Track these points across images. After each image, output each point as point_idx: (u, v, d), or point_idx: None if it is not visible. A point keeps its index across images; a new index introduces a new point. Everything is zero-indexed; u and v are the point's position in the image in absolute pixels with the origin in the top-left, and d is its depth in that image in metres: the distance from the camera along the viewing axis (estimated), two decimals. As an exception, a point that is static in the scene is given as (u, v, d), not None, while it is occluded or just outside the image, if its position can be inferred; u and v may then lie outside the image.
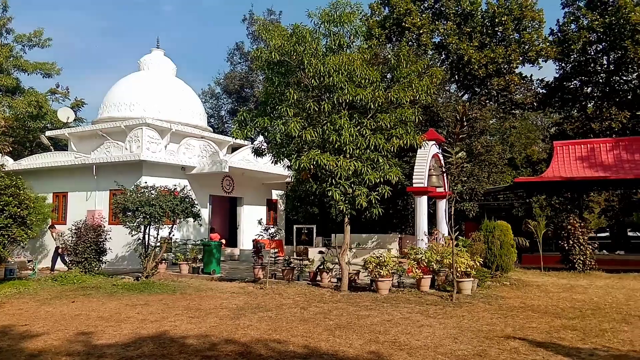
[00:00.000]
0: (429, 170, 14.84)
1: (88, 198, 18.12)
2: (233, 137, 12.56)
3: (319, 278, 12.71)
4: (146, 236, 13.86)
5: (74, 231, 14.76)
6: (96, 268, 14.63)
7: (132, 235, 13.70)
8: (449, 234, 11.60)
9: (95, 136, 19.11)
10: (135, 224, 13.38)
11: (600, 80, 25.68)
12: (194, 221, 15.39)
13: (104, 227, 15.32)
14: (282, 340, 6.99)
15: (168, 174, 17.52)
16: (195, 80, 67.70)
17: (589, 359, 6.22)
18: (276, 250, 15.72)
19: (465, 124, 11.65)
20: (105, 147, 17.62)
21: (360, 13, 12.19)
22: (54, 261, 16.35)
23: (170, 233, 14.31)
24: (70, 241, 14.79)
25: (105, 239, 14.93)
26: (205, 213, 18.82)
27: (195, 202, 14.57)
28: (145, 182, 14.55)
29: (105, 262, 15.33)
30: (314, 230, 17.42)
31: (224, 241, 17.92)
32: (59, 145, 25.80)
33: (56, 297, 11.03)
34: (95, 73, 71.09)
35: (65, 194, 18.92)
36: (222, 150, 20.19)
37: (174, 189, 14.36)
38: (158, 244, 14.06)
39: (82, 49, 71.15)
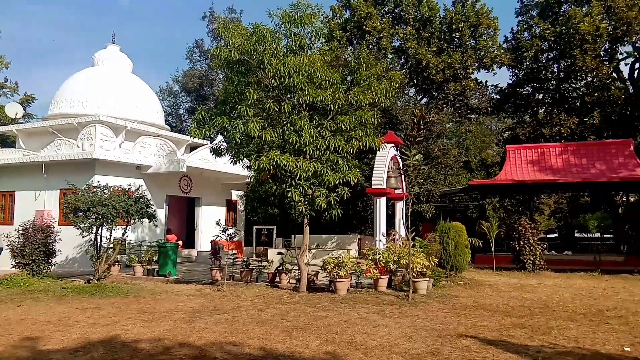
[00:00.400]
0: (388, 172, 15.02)
1: (37, 197, 17.40)
2: (191, 136, 12.32)
3: (277, 279, 12.66)
4: (98, 237, 13.44)
5: (20, 232, 14.12)
6: (45, 270, 14.08)
7: (83, 237, 13.26)
8: (406, 234, 11.79)
9: (45, 133, 18.34)
10: (86, 225, 12.95)
11: (551, 87, 26.79)
12: (149, 222, 15.03)
13: (54, 227, 14.77)
14: (238, 343, 6.92)
15: (122, 173, 17.02)
16: (152, 78, 66.12)
17: (536, 356, 6.45)
18: (235, 251, 15.52)
19: (422, 127, 11.92)
20: (56, 145, 16.96)
21: (322, 15, 12.28)
22: None
23: (124, 234, 13.95)
24: (16, 242, 14.14)
25: (55, 240, 14.40)
26: (161, 214, 18.41)
27: (151, 203, 14.24)
28: (98, 182, 14.12)
29: (54, 265, 14.77)
30: (274, 232, 17.31)
31: (180, 242, 17.57)
32: (7, 142, 24.65)
33: (0, 301, 10.53)
34: (46, 68, 68.34)
35: (13, 193, 18.11)
36: (179, 149, 19.81)
37: (129, 188, 14.00)
38: (111, 245, 13.66)
39: (32, 42, 68.24)
